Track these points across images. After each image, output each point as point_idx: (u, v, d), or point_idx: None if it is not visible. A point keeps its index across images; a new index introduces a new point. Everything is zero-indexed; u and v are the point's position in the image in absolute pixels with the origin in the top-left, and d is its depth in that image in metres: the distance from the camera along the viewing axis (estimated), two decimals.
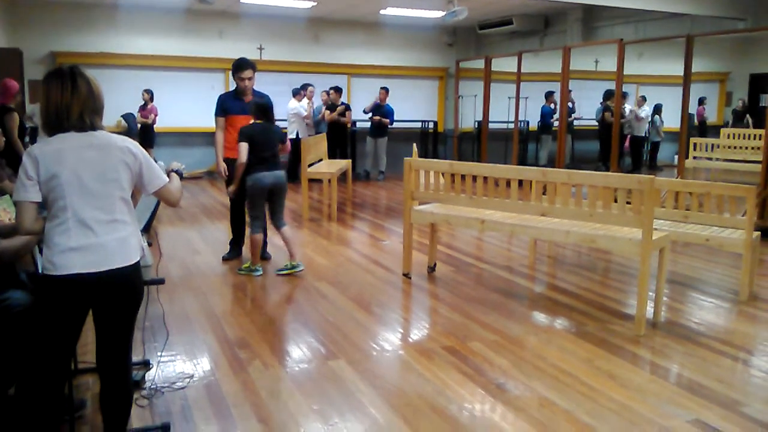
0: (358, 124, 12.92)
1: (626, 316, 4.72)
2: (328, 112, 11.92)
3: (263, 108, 5.56)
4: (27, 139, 5.94)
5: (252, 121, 5.58)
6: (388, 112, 12.39)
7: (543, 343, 4.17)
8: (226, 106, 5.94)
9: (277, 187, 5.59)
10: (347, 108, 12.12)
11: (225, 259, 6.14)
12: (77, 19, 11.59)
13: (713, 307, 5.03)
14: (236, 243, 6.28)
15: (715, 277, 5.88)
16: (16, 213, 2.47)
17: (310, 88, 11.82)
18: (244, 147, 5.42)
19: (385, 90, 12.36)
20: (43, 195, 2.44)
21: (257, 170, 5.44)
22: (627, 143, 12.06)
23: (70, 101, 2.45)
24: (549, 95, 12.48)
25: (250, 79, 5.82)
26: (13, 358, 2.88)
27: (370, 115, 12.38)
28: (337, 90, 12.07)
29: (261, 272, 5.62)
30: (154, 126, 11.55)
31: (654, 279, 4.67)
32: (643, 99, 12.37)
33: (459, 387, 3.51)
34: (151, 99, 11.51)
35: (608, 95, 11.49)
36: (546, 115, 12.63)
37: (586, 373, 3.71)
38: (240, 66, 5.82)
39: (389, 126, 12.46)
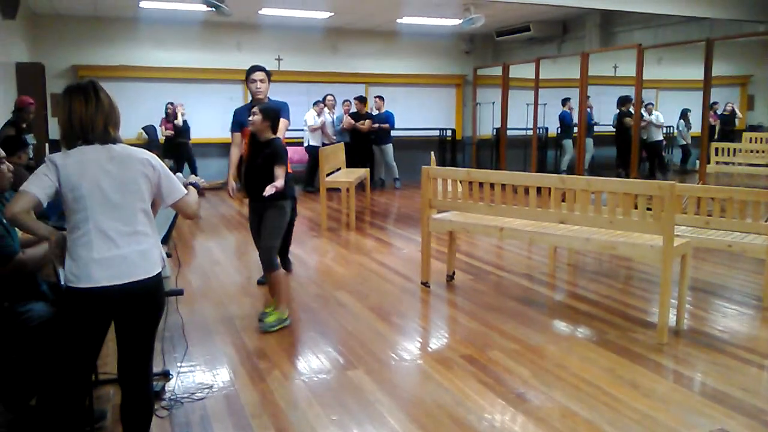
0: None
1: (648, 324, 4.66)
2: (350, 120, 11.96)
3: (277, 116, 4.58)
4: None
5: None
6: (386, 118, 12.32)
7: (564, 352, 4.13)
8: (242, 120, 5.34)
9: None
10: (369, 117, 12.14)
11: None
12: (98, 34, 11.76)
13: (737, 314, 4.95)
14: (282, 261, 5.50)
15: (738, 283, 5.79)
16: (13, 196, 2.44)
17: (329, 98, 11.89)
18: (283, 170, 4.51)
19: (380, 98, 12.40)
20: (65, 206, 2.47)
21: (293, 189, 4.79)
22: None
23: (95, 114, 2.50)
24: (565, 101, 12.42)
25: (262, 81, 5.29)
26: (34, 369, 2.91)
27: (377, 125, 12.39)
28: (361, 99, 12.13)
29: (290, 321, 4.65)
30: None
31: (676, 286, 4.61)
32: (652, 105, 12.23)
33: (478, 397, 3.48)
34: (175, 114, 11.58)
35: (623, 101, 11.43)
36: (565, 117, 12.52)
37: (607, 382, 3.67)
38: (250, 70, 5.38)
39: (393, 132, 12.44)
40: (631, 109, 11.80)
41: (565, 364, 3.92)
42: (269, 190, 4.32)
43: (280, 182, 4.40)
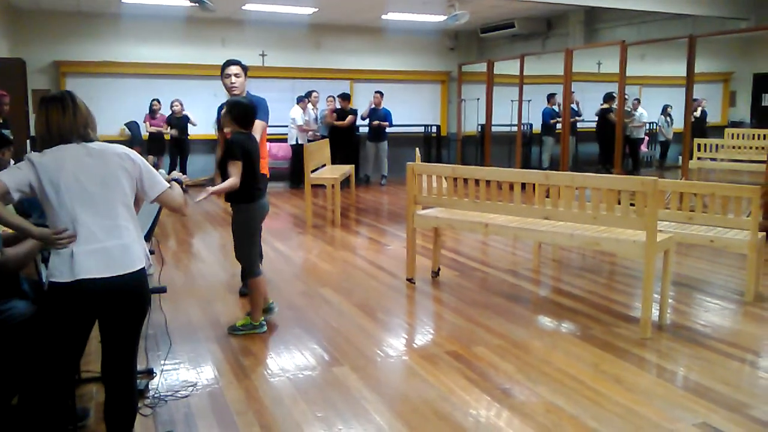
0: (360, 129, 12.93)
1: (632, 318, 4.69)
2: (333, 114, 12.00)
3: (244, 109, 4.22)
4: None
5: (234, 130, 4.25)
6: (384, 115, 12.47)
7: (548, 348, 4.15)
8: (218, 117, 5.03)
9: (266, 213, 4.51)
10: (353, 113, 12.21)
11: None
12: (80, 29, 11.63)
13: (719, 309, 5.00)
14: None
15: (721, 278, 5.84)
16: None
17: (314, 94, 11.89)
18: (240, 166, 4.11)
19: (380, 94, 12.48)
20: (45, 202, 2.46)
21: (260, 195, 4.33)
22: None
23: (73, 120, 2.52)
24: (551, 97, 12.46)
25: (237, 75, 4.89)
26: (16, 367, 2.88)
27: (368, 120, 12.45)
28: (345, 97, 12.16)
29: (266, 329, 4.43)
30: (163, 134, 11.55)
31: (659, 281, 4.64)
32: (638, 102, 12.35)
33: (464, 392, 3.49)
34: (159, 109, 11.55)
35: (608, 97, 11.49)
36: (546, 116, 12.59)
37: (591, 377, 3.69)
38: (225, 64, 4.99)
39: (387, 129, 12.54)
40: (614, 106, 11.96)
41: (550, 360, 3.94)
42: (200, 197, 3.97)
43: (218, 187, 4.10)
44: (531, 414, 3.25)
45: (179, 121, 11.48)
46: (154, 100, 11.51)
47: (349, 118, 12.11)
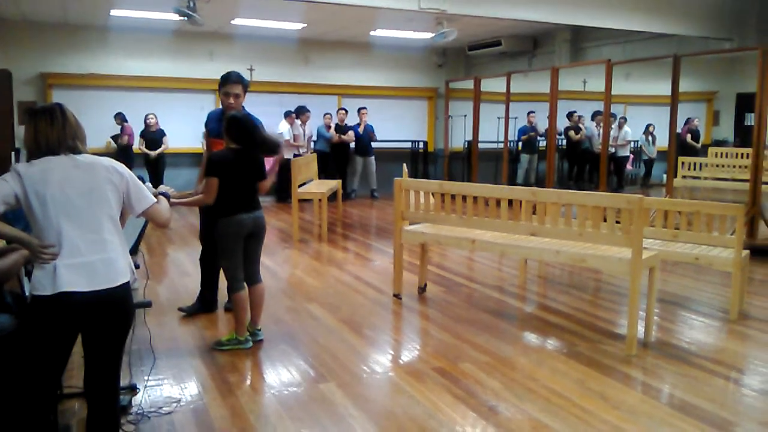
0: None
1: (617, 335, 4.70)
2: (336, 134, 12.28)
3: (243, 126, 4.23)
4: None
5: (227, 145, 4.28)
6: (370, 130, 12.70)
7: (534, 364, 4.15)
8: (209, 127, 5.01)
9: (257, 229, 4.37)
10: (351, 128, 12.50)
11: (183, 311, 5.05)
12: (67, 41, 11.59)
13: (704, 326, 5.03)
14: (202, 294, 5.14)
15: (705, 295, 5.88)
16: None
17: (307, 114, 11.94)
18: (213, 184, 4.13)
19: (365, 110, 12.71)
20: (30, 214, 2.44)
21: (237, 211, 4.24)
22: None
23: (62, 132, 2.50)
24: (529, 114, 12.65)
25: (237, 96, 4.76)
26: None
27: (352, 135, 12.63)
28: (345, 112, 12.51)
29: (251, 345, 4.38)
30: (132, 147, 11.39)
31: (644, 298, 4.67)
32: (624, 120, 12.53)
33: (450, 410, 3.48)
34: (124, 121, 11.29)
35: (569, 115, 12.14)
36: (519, 133, 12.72)
37: (578, 394, 3.69)
38: (228, 78, 4.79)
39: (373, 144, 12.76)
40: (581, 125, 12.44)
41: (536, 376, 3.94)
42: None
43: (186, 200, 4.26)
44: (517, 431, 3.24)
45: (153, 135, 11.33)
46: (114, 116, 11.25)
47: (351, 133, 12.39)
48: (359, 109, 12.68)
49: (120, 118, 11.34)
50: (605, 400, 3.61)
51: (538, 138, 12.80)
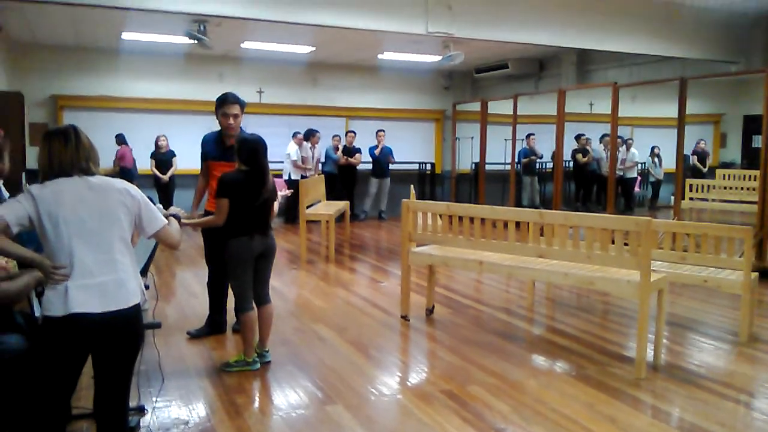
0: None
1: (626, 358, 4.68)
2: (343, 156, 12.36)
3: (254, 148, 4.23)
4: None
5: (237, 167, 4.30)
6: (388, 152, 12.78)
7: (543, 387, 4.13)
8: (205, 150, 5.04)
9: (267, 251, 4.40)
10: (358, 151, 12.58)
11: (191, 335, 5.05)
12: (78, 63, 11.75)
13: (713, 349, 5.00)
14: (211, 318, 5.14)
15: (714, 318, 5.85)
16: None
17: (316, 135, 12.00)
18: (224, 205, 4.18)
19: (382, 131, 12.76)
20: (42, 235, 2.46)
21: (245, 233, 4.24)
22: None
23: (75, 153, 2.54)
24: (528, 136, 12.72)
25: (236, 116, 4.80)
26: (7, 402, 2.84)
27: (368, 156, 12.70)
28: (353, 134, 12.63)
29: (259, 366, 4.37)
30: (132, 169, 11.33)
31: (653, 321, 4.65)
32: (631, 142, 12.61)
33: None
34: (122, 142, 11.23)
35: (577, 138, 12.54)
36: (520, 155, 12.76)
37: (586, 417, 3.67)
38: (225, 99, 4.83)
39: (390, 165, 12.86)
40: (588, 147, 12.63)
41: (545, 399, 3.92)
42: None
43: (195, 221, 4.42)
44: None
45: (164, 156, 11.37)
46: (116, 135, 11.27)
47: (359, 156, 12.48)
48: (377, 132, 12.72)
49: (119, 139, 11.27)
50: (614, 424, 3.58)
51: (538, 160, 12.92)
